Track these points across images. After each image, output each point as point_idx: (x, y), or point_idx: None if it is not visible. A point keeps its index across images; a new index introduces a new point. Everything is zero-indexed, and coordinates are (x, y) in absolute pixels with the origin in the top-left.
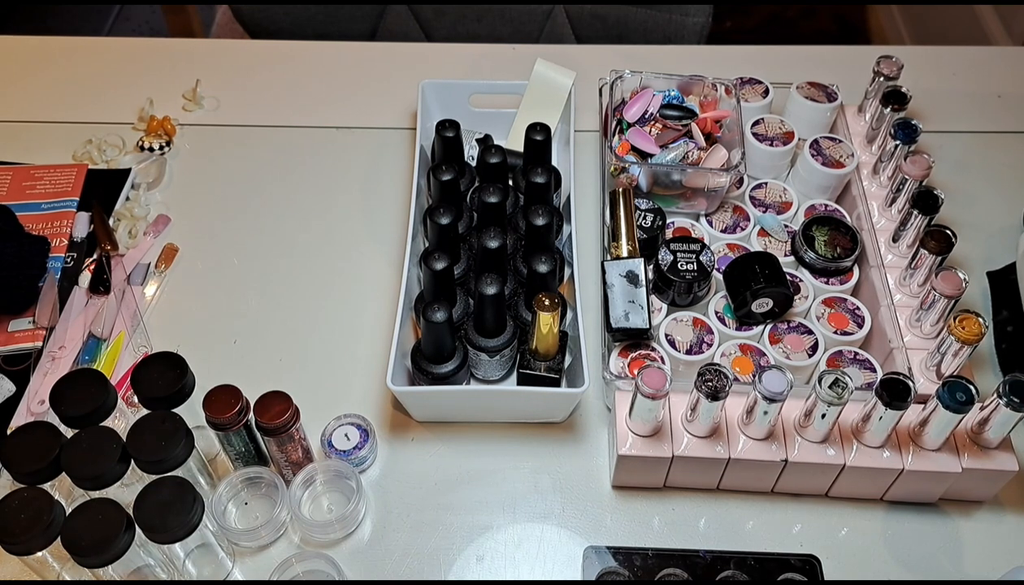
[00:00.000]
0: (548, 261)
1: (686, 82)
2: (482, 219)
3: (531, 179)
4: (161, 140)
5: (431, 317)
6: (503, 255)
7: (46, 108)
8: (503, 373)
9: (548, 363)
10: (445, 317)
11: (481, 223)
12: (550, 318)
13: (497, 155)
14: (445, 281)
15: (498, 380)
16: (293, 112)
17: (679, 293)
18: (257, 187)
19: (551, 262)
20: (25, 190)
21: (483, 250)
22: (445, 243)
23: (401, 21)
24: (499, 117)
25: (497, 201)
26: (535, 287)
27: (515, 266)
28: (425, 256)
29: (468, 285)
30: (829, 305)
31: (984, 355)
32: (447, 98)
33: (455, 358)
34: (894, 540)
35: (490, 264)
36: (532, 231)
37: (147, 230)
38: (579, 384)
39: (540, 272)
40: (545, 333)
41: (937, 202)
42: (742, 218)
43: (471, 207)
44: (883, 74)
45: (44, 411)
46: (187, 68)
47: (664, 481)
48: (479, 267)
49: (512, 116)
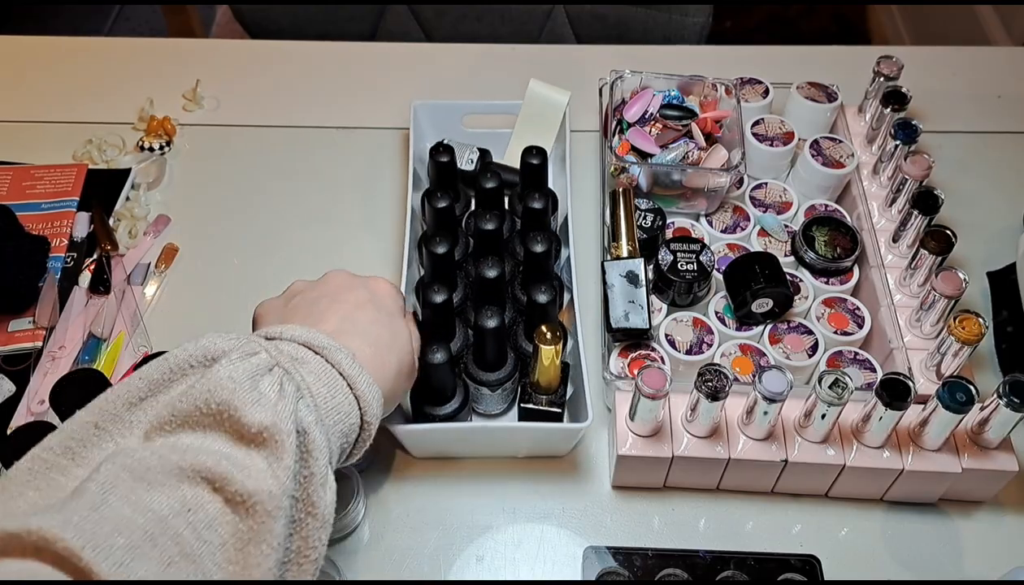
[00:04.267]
0: (548, 290)
1: (686, 82)
2: (479, 246)
3: (528, 205)
4: (161, 140)
5: (430, 359)
6: (502, 285)
7: (46, 108)
8: (504, 406)
9: (550, 396)
10: (445, 358)
11: (478, 250)
12: (552, 352)
13: (493, 179)
14: (444, 315)
15: (499, 414)
16: (293, 112)
17: (679, 293)
18: (257, 187)
19: (551, 291)
20: (25, 190)
21: (481, 280)
22: (441, 273)
23: (401, 21)
24: (493, 137)
25: (494, 228)
26: (535, 317)
27: (513, 293)
28: (424, 288)
29: (466, 315)
30: (829, 305)
31: (984, 355)
32: (439, 118)
33: (456, 397)
34: (894, 540)
35: (488, 294)
36: (531, 258)
37: (147, 230)
38: (582, 418)
39: (540, 302)
40: (547, 366)
41: (937, 202)
42: (742, 218)
43: (467, 232)
44: (883, 74)
45: (44, 411)
46: (187, 68)
47: (664, 481)
48: (477, 297)
49: (506, 136)
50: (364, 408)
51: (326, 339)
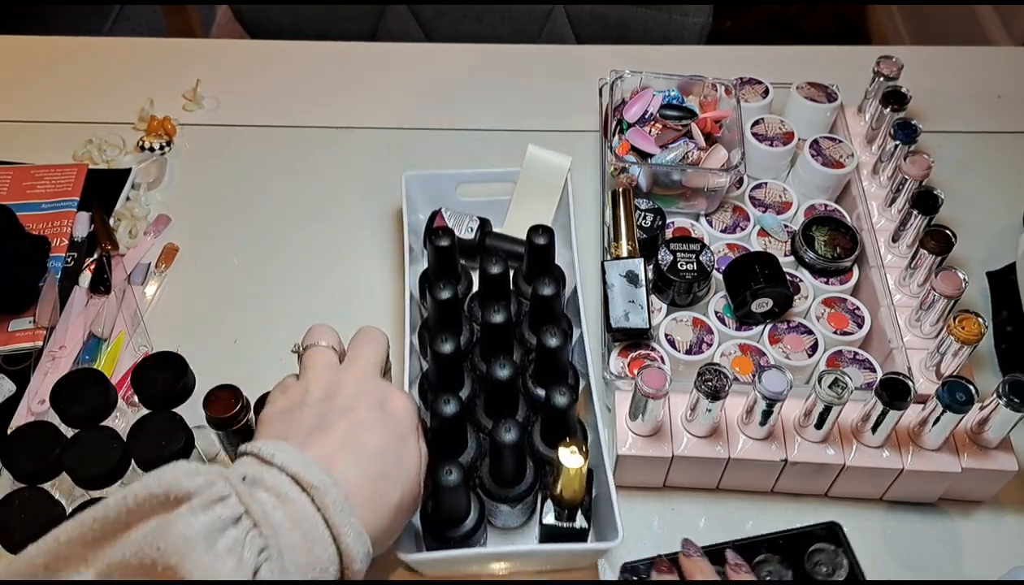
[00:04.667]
0: (567, 391)
1: (686, 82)
2: (487, 340)
3: (538, 292)
4: (161, 140)
5: (444, 481)
6: (515, 386)
7: (46, 108)
8: (524, 519)
9: (574, 511)
10: (460, 480)
11: (486, 345)
12: (579, 471)
13: (499, 264)
14: (455, 425)
15: (519, 527)
16: (293, 112)
17: (679, 293)
18: (257, 187)
19: (570, 393)
20: (25, 190)
21: (494, 382)
22: (448, 375)
23: (401, 21)
24: (491, 205)
25: (503, 321)
26: (553, 423)
27: (525, 386)
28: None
29: (476, 417)
30: (829, 305)
31: (984, 355)
32: (433, 188)
33: (471, 515)
34: (894, 540)
35: (502, 397)
36: (544, 352)
37: (147, 230)
38: (610, 536)
39: (559, 406)
40: (572, 479)
41: (937, 202)
42: (742, 218)
43: (471, 317)
44: (883, 74)
45: (44, 411)
46: (187, 68)
47: (664, 481)
48: (489, 400)
49: (504, 203)
50: (347, 563)
51: (318, 474)
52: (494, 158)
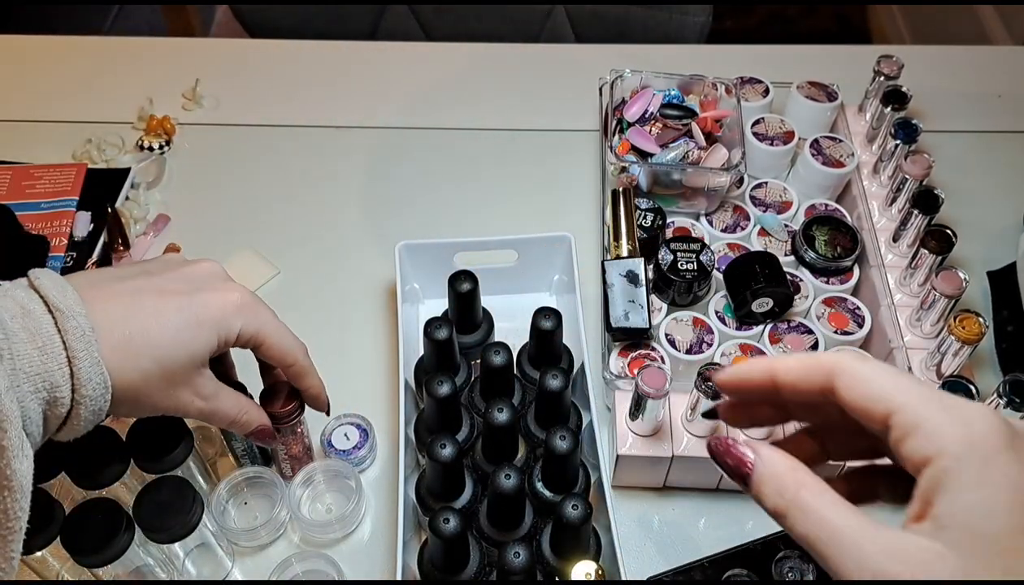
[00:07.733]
0: (581, 505)
1: (686, 81)
2: (489, 440)
3: (545, 385)
4: (161, 139)
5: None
6: (522, 499)
7: (46, 108)
8: None
9: None
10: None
11: (488, 446)
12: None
13: (503, 355)
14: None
15: None
16: (293, 112)
17: (679, 293)
18: (257, 187)
19: (585, 508)
20: (25, 189)
21: (499, 494)
22: (450, 483)
23: (401, 21)
24: (487, 273)
25: (507, 421)
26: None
27: (532, 487)
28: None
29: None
30: (829, 305)
31: (984, 355)
32: (428, 257)
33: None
34: None
35: (508, 508)
36: (553, 456)
37: (147, 229)
38: None
39: (573, 523)
40: None
41: (937, 202)
42: (742, 218)
43: (471, 409)
44: (883, 74)
45: None
46: (187, 67)
47: (664, 481)
48: (494, 509)
49: (505, 271)
50: (77, 386)
51: (69, 302)
52: (494, 158)
